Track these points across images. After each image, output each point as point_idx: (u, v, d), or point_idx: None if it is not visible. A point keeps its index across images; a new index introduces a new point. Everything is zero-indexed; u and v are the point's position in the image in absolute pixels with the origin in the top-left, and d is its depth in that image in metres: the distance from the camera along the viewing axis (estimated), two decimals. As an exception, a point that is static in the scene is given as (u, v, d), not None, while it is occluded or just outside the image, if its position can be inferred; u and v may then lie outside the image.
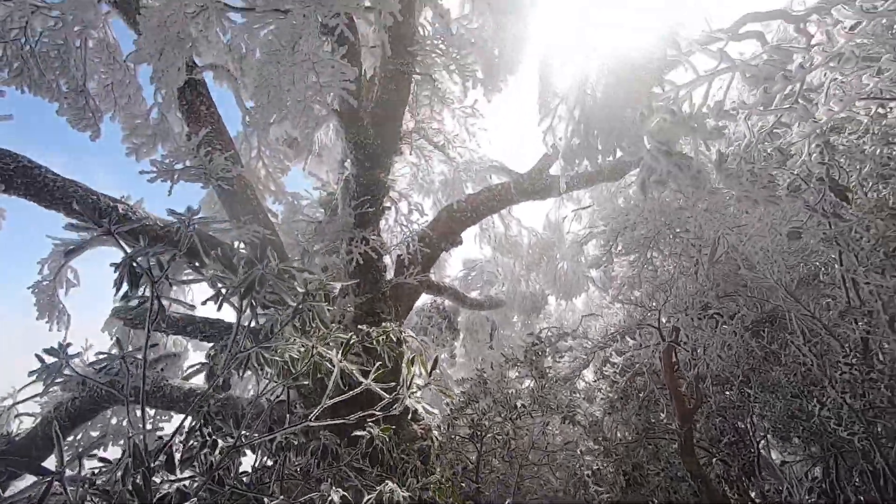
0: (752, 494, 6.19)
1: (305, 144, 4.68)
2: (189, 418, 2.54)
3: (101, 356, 2.53)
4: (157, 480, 2.22)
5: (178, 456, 2.34)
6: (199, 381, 6.41)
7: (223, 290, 2.52)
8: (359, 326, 4.15)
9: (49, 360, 2.25)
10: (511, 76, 7.06)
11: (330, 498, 2.51)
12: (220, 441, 2.46)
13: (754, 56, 6.19)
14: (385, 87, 5.55)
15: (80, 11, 4.47)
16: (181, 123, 5.93)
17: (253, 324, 2.73)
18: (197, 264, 3.26)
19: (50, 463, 2.58)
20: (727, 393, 6.48)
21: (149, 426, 2.74)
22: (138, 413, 2.37)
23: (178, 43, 3.76)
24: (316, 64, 3.57)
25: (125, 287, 2.36)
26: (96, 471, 2.19)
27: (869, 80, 4.46)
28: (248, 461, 2.81)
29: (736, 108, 5.98)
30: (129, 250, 2.38)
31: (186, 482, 2.25)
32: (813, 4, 9.08)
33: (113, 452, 6.50)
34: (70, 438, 6.45)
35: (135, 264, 2.35)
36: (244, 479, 2.55)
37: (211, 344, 5.22)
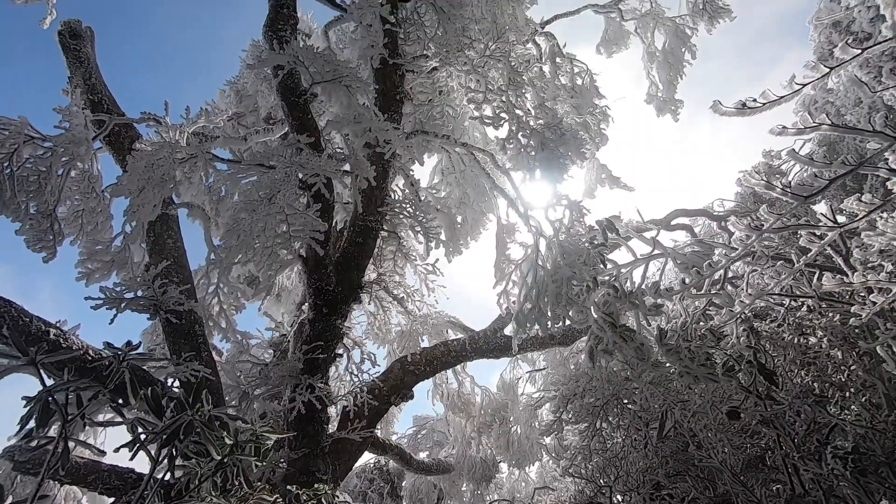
0: None
1: (266, 286, 4.73)
2: None
3: (-28, 509, 2.16)
4: None
5: None
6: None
7: (142, 437, 2.31)
8: (288, 487, 3.75)
9: None
10: (473, 241, 7.66)
11: None
12: None
13: (684, 245, 6.99)
14: (352, 240, 5.87)
15: (73, 146, 4.77)
16: (143, 253, 5.95)
17: (168, 477, 2.45)
18: (121, 402, 3.00)
19: None
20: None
21: None
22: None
23: (160, 183, 4.00)
24: (289, 216, 3.83)
25: (31, 425, 2.14)
26: None
27: (778, 274, 5.06)
28: None
29: (670, 288, 6.53)
30: (49, 383, 2.22)
31: None
32: (730, 207, 10.53)
33: None
34: None
35: (50, 400, 2.17)
36: None
37: (111, 499, 4.51)
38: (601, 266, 5.41)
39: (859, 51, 1.81)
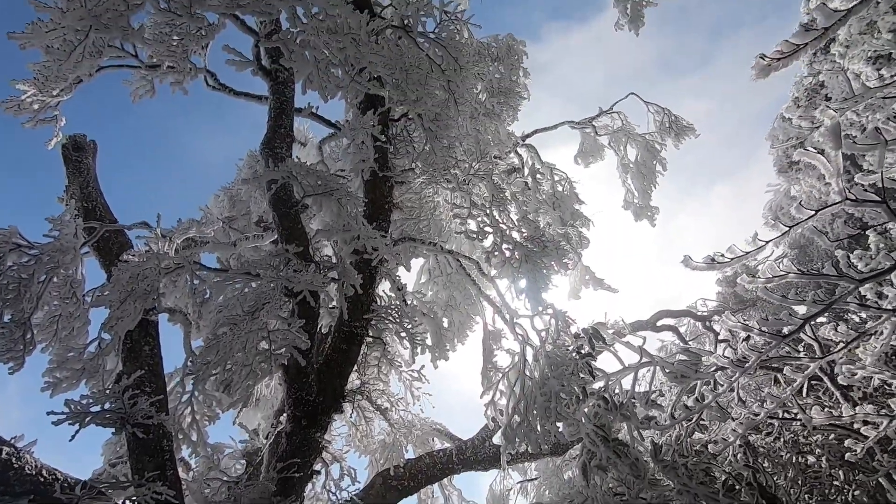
0: None
1: (243, 398, 4.52)
2: None
3: None
4: None
5: None
6: None
7: None
8: None
9: None
10: (460, 344, 7.55)
11: None
12: None
13: (672, 354, 6.90)
14: (337, 347, 5.75)
15: (59, 254, 4.77)
16: (116, 360, 5.73)
17: None
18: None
19: None
20: None
21: None
22: None
23: (143, 295, 3.96)
24: (272, 333, 3.78)
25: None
26: None
27: (773, 389, 4.99)
28: None
29: (657, 398, 6.37)
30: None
31: None
32: (713, 307, 10.61)
33: None
34: None
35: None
36: None
37: None
38: (589, 377, 5.32)
39: (813, 212, 1.96)
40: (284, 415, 5.82)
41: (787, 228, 2.10)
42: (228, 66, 4.98)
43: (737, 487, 4.78)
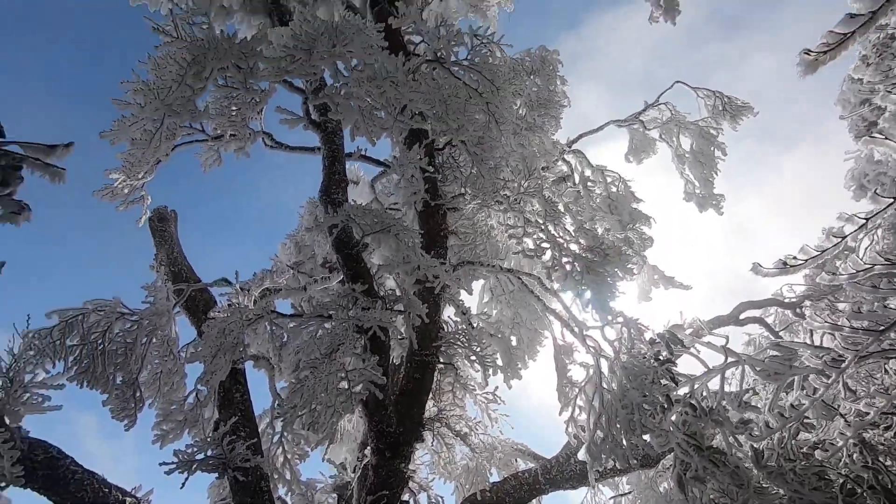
0: None
1: (328, 434, 4.72)
2: None
3: None
4: None
5: None
6: None
7: None
8: None
9: None
10: (531, 360, 7.47)
11: None
12: None
13: (760, 350, 6.45)
14: (410, 377, 5.89)
15: (156, 317, 5.27)
16: (213, 409, 6.17)
17: None
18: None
19: None
20: None
21: None
22: None
23: (231, 348, 4.29)
24: (349, 372, 3.96)
25: None
26: None
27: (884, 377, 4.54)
28: None
29: (751, 398, 5.97)
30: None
31: None
32: (802, 292, 9.79)
33: None
34: None
35: None
36: None
37: None
38: (672, 384, 5.09)
39: (892, 199, 1.82)
40: (368, 448, 5.99)
41: (863, 221, 1.95)
42: (282, 124, 5.38)
43: (858, 491, 4.35)
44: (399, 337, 6.78)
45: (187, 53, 3.61)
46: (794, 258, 2.03)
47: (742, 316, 8.45)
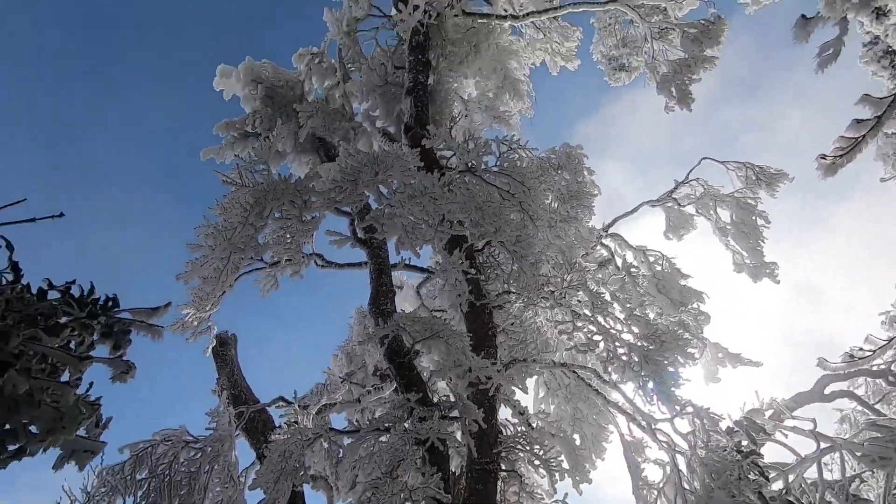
0: None
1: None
2: None
3: None
4: None
5: None
6: None
7: None
8: None
9: None
10: (599, 459, 6.96)
11: None
12: None
13: (858, 430, 5.84)
14: (472, 489, 5.58)
15: (218, 443, 5.36)
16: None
17: None
18: None
19: None
20: None
21: None
22: None
23: (293, 472, 4.27)
24: (412, 492, 3.84)
25: None
26: None
27: None
28: None
29: (860, 487, 5.37)
30: None
31: None
32: (891, 355, 8.86)
33: None
34: None
35: None
36: None
37: None
38: (762, 478, 4.61)
39: None
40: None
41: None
42: (331, 245, 5.79)
43: None
44: (456, 445, 6.54)
45: (250, 197, 4.10)
46: (861, 349, 1.93)
47: (827, 391, 7.69)
